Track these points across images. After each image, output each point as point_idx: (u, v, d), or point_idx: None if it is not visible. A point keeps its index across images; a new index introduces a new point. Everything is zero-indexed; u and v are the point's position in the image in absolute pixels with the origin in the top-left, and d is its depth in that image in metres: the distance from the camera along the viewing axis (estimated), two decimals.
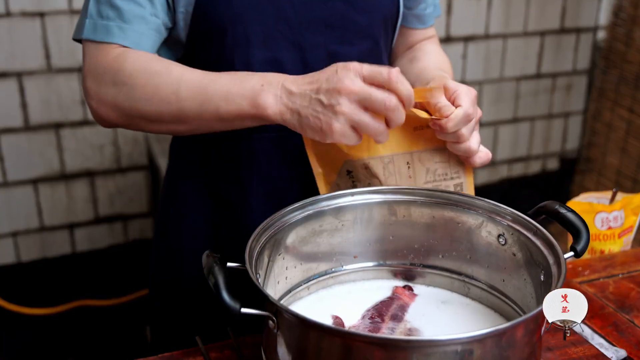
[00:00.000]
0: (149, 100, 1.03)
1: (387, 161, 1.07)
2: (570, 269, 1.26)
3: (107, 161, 2.66)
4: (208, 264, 0.82)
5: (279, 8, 1.10)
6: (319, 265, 1.03)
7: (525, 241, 0.94)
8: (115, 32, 1.05)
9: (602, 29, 3.30)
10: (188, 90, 1.01)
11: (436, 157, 1.08)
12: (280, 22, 1.10)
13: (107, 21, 1.06)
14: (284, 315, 0.78)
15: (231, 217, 1.21)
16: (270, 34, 1.10)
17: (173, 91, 1.01)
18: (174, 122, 1.05)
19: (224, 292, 0.78)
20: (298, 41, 1.12)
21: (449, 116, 1.00)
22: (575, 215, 0.92)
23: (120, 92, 1.04)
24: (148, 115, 1.05)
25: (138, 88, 1.03)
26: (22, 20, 2.39)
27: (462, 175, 1.10)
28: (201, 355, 0.99)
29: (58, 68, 2.47)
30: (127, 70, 1.03)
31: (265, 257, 0.93)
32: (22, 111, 2.48)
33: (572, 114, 3.45)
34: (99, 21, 1.06)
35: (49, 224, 2.66)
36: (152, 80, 1.03)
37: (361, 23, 1.15)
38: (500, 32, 3.13)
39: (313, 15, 1.11)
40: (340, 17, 1.13)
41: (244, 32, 1.09)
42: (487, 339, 0.76)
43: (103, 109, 1.07)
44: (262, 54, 1.10)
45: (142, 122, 1.07)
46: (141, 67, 1.03)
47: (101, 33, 1.06)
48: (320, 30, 1.12)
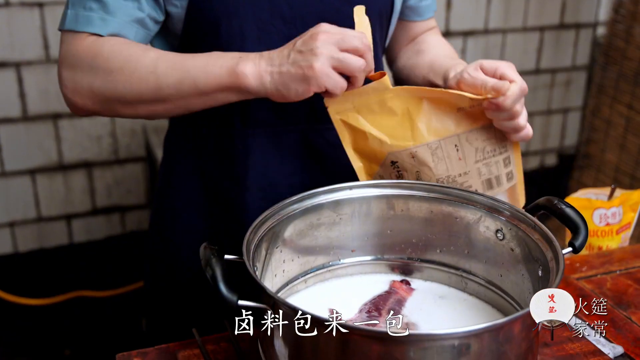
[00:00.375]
0: (127, 82, 1.03)
1: (434, 147, 1.06)
2: (568, 265, 1.26)
3: (104, 152, 2.66)
4: (206, 256, 0.82)
5: (273, 3, 1.09)
6: (317, 258, 1.03)
7: (523, 236, 0.94)
8: (97, 22, 1.05)
9: (601, 25, 3.30)
10: (166, 68, 1.02)
11: (483, 135, 1.08)
12: (275, 17, 1.10)
13: (90, 12, 1.05)
14: (281, 308, 0.78)
15: (227, 212, 1.20)
16: (265, 29, 1.10)
17: (151, 70, 1.02)
18: (153, 102, 1.05)
19: (221, 284, 0.78)
20: (293, 36, 1.10)
21: (506, 93, 1.00)
22: (573, 211, 0.92)
23: (97, 77, 1.04)
24: (127, 97, 1.05)
25: (116, 71, 1.03)
26: (21, 10, 2.38)
27: (510, 148, 1.11)
28: (197, 347, 0.99)
29: (56, 59, 2.46)
30: (104, 55, 1.04)
31: (263, 250, 0.93)
32: (21, 101, 2.48)
33: (571, 109, 3.45)
34: (81, 12, 1.06)
35: (46, 214, 2.65)
36: (129, 62, 1.03)
37: None
38: (500, 27, 3.12)
39: (308, 10, 1.11)
40: (335, 12, 1.12)
41: (239, 27, 1.09)
42: (485, 334, 0.76)
43: (78, 97, 1.07)
44: (257, 49, 1.09)
45: (119, 106, 1.07)
46: (117, 50, 1.04)
47: (82, 24, 1.06)
48: (314, 25, 1.11)
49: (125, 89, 1.04)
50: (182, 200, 1.23)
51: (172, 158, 1.26)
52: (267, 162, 1.17)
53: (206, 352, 0.98)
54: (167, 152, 1.28)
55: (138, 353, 0.99)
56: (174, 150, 1.26)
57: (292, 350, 0.80)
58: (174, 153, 1.26)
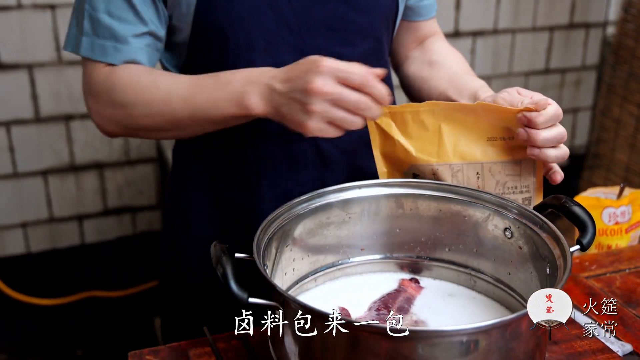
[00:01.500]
0: (144, 115, 1.08)
1: (456, 169, 1.07)
2: (577, 263, 1.26)
3: (116, 153, 2.68)
4: (216, 254, 0.83)
5: (279, 13, 1.09)
6: (326, 257, 1.04)
7: (531, 234, 0.94)
8: (111, 52, 1.08)
9: (611, 24, 3.29)
10: (178, 102, 1.05)
11: (507, 170, 1.07)
12: (281, 27, 1.10)
13: (104, 40, 1.08)
14: (291, 306, 0.79)
15: (239, 222, 1.20)
16: (272, 39, 1.10)
17: (165, 103, 1.06)
18: (173, 130, 1.10)
19: (232, 281, 0.79)
20: (300, 45, 1.11)
21: (541, 111, 0.99)
22: (581, 209, 0.92)
23: (115, 110, 1.09)
24: (148, 127, 1.10)
25: (131, 105, 1.08)
26: (33, 12, 2.40)
27: (532, 190, 1.08)
28: (209, 345, 1.00)
29: (68, 60, 2.48)
30: (118, 89, 1.07)
31: (273, 249, 0.94)
32: (33, 103, 2.50)
33: (581, 109, 3.44)
34: (96, 40, 1.08)
35: (58, 215, 2.67)
36: (143, 96, 1.07)
37: (362, 23, 1.14)
38: (509, 27, 3.12)
39: (314, 18, 1.11)
40: (340, 19, 1.12)
41: (245, 39, 1.09)
42: (492, 330, 0.77)
43: (106, 125, 1.12)
44: (264, 60, 1.10)
45: (145, 133, 1.14)
46: (130, 83, 1.07)
47: (98, 53, 1.09)
48: (321, 33, 1.12)
49: (143, 121, 1.09)
50: (193, 211, 1.23)
51: (183, 169, 1.26)
52: (280, 172, 1.17)
53: (217, 350, 0.99)
54: (177, 163, 1.28)
55: (150, 351, 1.00)
56: (184, 161, 1.25)
57: (302, 348, 0.81)
58: (184, 164, 1.25)
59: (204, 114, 1.04)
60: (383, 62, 1.22)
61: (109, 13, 1.07)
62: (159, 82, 1.07)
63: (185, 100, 1.05)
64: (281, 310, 0.80)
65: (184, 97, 1.05)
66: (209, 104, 1.03)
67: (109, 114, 1.10)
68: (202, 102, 1.04)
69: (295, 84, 0.94)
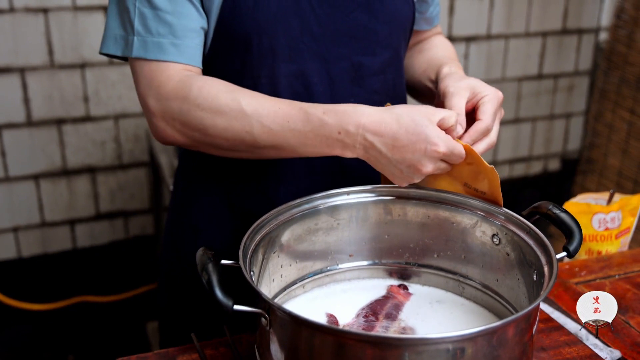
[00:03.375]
0: (222, 136, 1.02)
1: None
2: (567, 269, 1.26)
3: (108, 157, 2.67)
4: (202, 261, 0.82)
5: (303, 20, 1.09)
6: (315, 263, 1.04)
7: (518, 241, 0.94)
8: (170, 49, 1.03)
9: (604, 30, 3.30)
10: (262, 132, 1.00)
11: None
12: (305, 34, 1.10)
13: (159, 38, 1.02)
14: (276, 313, 0.79)
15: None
16: (296, 46, 1.10)
17: (247, 130, 1.00)
18: (248, 153, 1.04)
19: (217, 288, 0.79)
20: (322, 53, 1.11)
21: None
22: (568, 216, 0.92)
23: (189, 123, 1.02)
24: (221, 147, 1.04)
25: (209, 123, 1.01)
26: (25, 15, 2.40)
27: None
28: (196, 352, 1.00)
29: (61, 64, 2.48)
30: (193, 101, 1.01)
31: (260, 255, 0.93)
32: (25, 106, 2.49)
33: (574, 114, 3.45)
34: (150, 38, 1.03)
35: (50, 219, 2.66)
36: (223, 118, 1.01)
37: (383, 33, 1.16)
38: (502, 32, 3.13)
39: (337, 27, 1.12)
40: (363, 29, 1.13)
41: (269, 45, 1.08)
42: (478, 338, 0.76)
43: (170, 131, 1.05)
44: (288, 67, 1.10)
45: (213, 150, 1.06)
46: (209, 99, 1.01)
47: (154, 51, 1.03)
48: (344, 41, 1.13)
49: (219, 141, 1.03)
50: (204, 217, 1.22)
51: (193, 174, 1.24)
52: (298, 179, 1.17)
53: (204, 357, 0.98)
54: (186, 168, 1.26)
55: (138, 358, 0.99)
56: (195, 166, 1.23)
57: (288, 355, 0.81)
58: (195, 169, 1.23)
59: (290, 149, 1.01)
60: (400, 71, 1.24)
61: (164, 7, 1.02)
62: (242, 104, 1.00)
63: (271, 132, 1.00)
64: (267, 317, 0.80)
65: (270, 129, 0.99)
66: (298, 141, 1.00)
67: (179, 123, 1.03)
68: (290, 138, 1.00)
69: (404, 159, 0.96)
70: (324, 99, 1.12)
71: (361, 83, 1.15)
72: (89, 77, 2.54)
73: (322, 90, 1.12)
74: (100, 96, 2.58)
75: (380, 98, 1.18)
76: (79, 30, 2.47)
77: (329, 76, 1.13)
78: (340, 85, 1.14)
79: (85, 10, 2.46)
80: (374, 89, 1.17)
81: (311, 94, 1.12)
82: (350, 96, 1.14)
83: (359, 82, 1.15)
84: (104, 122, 2.62)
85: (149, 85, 1.04)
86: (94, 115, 2.60)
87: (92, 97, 2.57)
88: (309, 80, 1.12)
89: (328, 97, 1.13)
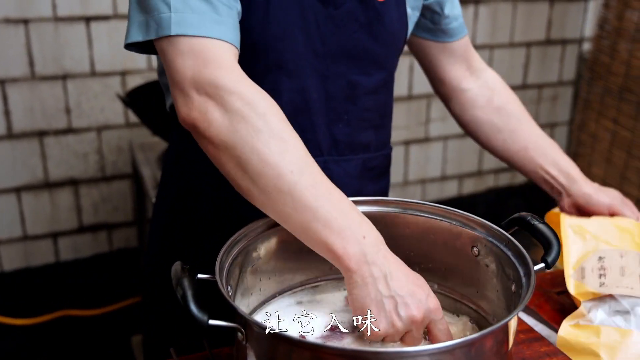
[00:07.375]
0: (247, 180, 0.91)
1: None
2: (549, 279, 1.26)
3: (91, 169, 2.65)
4: (177, 276, 0.81)
5: (309, 37, 1.10)
6: (294, 276, 1.03)
7: (497, 252, 0.94)
8: (213, 26, 0.94)
9: (587, 40, 3.32)
10: (287, 202, 0.89)
11: None
12: (308, 50, 1.11)
13: (200, 15, 0.94)
14: (252, 327, 0.78)
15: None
16: (299, 62, 1.11)
17: (277, 190, 0.89)
18: (260, 207, 0.94)
19: (191, 303, 0.77)
20: (322, 70, 1.13)
21: None
22: (546, 227, 0.92)
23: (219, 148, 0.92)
24: (237, 185, 0.94)
25: (245, 162, 0.90)
26: (5, 26, 2.38)
27: None
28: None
29: (42, 76, 2.46)
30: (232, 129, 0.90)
31: (237, 269, 0.92)
32: (6, 119, 2.47)
33: (558, 124, 3.46)
34: (189, 15, 0.93)
35: (32, 232, 2.64)
36: (259, 164, 0.89)
37: (380, 55, 1.17)
38: (487, 42, 3.14)
39: (339, 46, 1.13)
40: (362, 49, 1.15)
41: (275, 59, 1.09)
42: (456, 350, 0.76)
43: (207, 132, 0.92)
44: (290, 82, 1.11)
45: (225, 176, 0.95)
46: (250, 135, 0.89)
47: (194, 27, 0.93)
48: (343, 60, 1.14)
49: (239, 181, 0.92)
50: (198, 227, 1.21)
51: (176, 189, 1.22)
52: None
53: None
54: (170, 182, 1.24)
55: None
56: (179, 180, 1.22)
57: None
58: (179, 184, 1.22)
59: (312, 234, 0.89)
60: (390, 92, 1.25)
61: None
62: (287, 162, 0.88)
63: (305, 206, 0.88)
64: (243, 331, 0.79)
65: (303, 203, 0.88)
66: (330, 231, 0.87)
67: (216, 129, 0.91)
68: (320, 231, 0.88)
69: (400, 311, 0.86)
70: (320, 114, 1.14)
71: (355, 101, 1.17)
72: (71, 88, 2.52)
73: (319, 106, 1.14)
74: (82, 108, 2.56)
75: (371, 115, 1.20)
76: (60, 41, 2.45)
77: (326, 92, 1.14)
78: (335, 101, 1.16)
79: (66, 21, 2.45)
80: (366, 107, 1.19)
81: (309, 109, 1.13)
82: (344, 112, 1.17)
83: (354, 100, 1.17)
84: (87, 134, 2.60)
85: (187, 71, 0.93)
86: (76, 127, 2.58)
87: (74, 109, 2.55)
88: (309, 96, 1.13)
89: (323, 113, 1.15)
